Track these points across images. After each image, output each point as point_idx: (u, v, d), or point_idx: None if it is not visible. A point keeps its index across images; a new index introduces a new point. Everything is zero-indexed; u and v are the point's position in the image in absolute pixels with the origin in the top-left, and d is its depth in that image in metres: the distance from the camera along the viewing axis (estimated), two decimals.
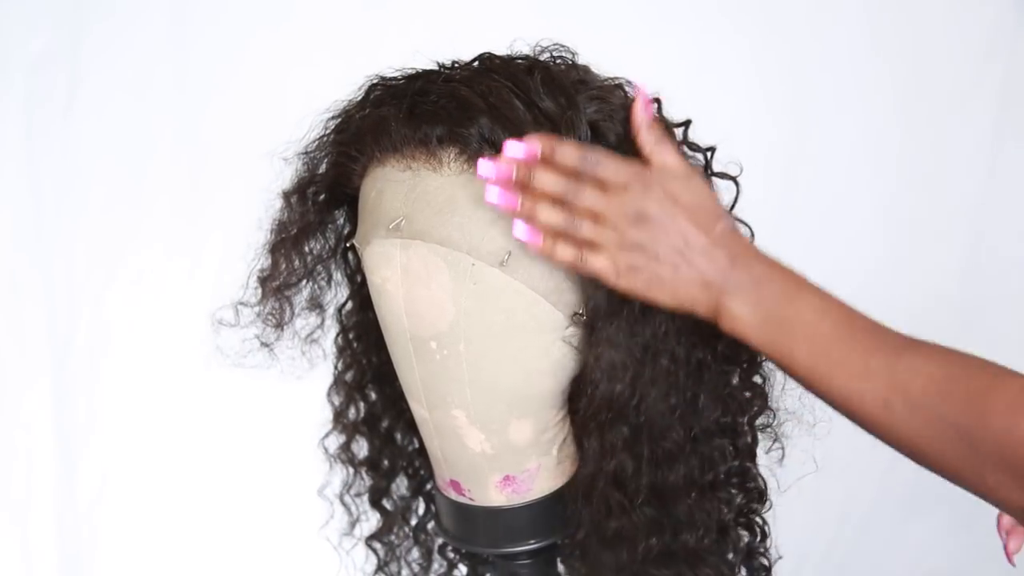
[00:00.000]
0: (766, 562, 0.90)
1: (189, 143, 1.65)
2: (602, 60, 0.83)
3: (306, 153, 0.85)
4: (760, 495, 0.87)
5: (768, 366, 0.86)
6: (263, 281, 0.89)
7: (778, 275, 0.69)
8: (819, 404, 0.90)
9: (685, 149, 0.82)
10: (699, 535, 0.82)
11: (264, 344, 0.91)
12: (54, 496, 1.67)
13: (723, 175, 0.84)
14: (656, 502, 0.80)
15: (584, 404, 0.79)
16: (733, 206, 0.85)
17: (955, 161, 1.69)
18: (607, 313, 0.75)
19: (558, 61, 0.81)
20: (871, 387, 0.65)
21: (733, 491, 0.85)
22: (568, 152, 0.70)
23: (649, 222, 0.69)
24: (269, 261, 0.88)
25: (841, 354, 0.66)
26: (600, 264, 0.70)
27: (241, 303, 0.91)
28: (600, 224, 0.70)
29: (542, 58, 0.81)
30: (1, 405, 1.66)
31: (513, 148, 0.70)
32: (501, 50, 0.81)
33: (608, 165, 0.70)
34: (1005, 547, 0.82)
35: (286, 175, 0.87)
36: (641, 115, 0.73)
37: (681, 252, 0.69)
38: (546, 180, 0.70)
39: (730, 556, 0.87)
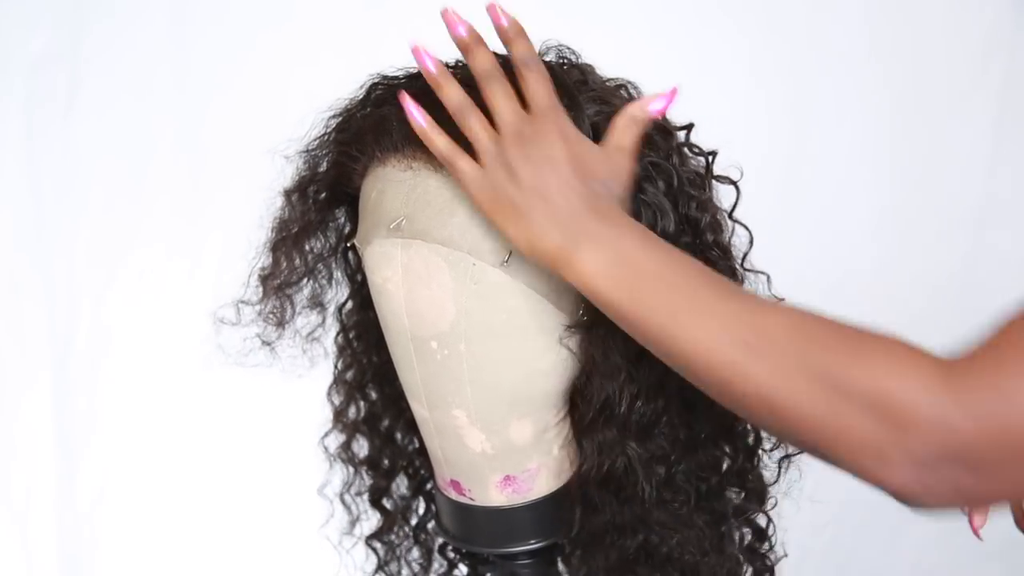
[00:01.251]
0: (768, 561, 0.90)
1: (190, 143, 1.65)
2: (604, 62, 0.83)
3: (307, 151, 0.85)
4: (760, 495, 0.87)
5: None
6: (264, 280, 0.89)
7: (638, 230, 0.67)
8: None
9: (687, 152, 0.83)
10: (696, 536, 0.83)
11: (265, 343, 0.91)
12: (54, 496, 1.67)
13: (723, 179, 0.84)
14: (649, 503, 0.81)
15: (581, 405, 0.80)
16: (733, 209, 0.85)
17: (955, 161, 1.69)
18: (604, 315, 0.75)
19: (561, 60, 0.81)
20: (730, 329, 0.61)
21: (733, 490, 0.85)
22: (520, 46, 0.69)
23: (534, 149, 0.67)
24: (270, 259, 0.88)
25: (698, 298, 0.63)
26: (463, 166, 0.69)
27: (242, 301, 0.91)
28: (487, 128, 0.68)
29: (544, 58, 0.81)
30: (1, 405, 1.66)
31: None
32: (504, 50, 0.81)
33: (543, 83, 0.69)
34: (970, 522, 0.81)
35: (287, 173, 0.87)
36: (646, 109, 0.71)
37: (548, 189, 0.66)
38: (479, 59, 0.69)
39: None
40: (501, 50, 0.80)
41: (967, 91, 1.68)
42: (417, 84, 0.77)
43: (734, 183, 0.84)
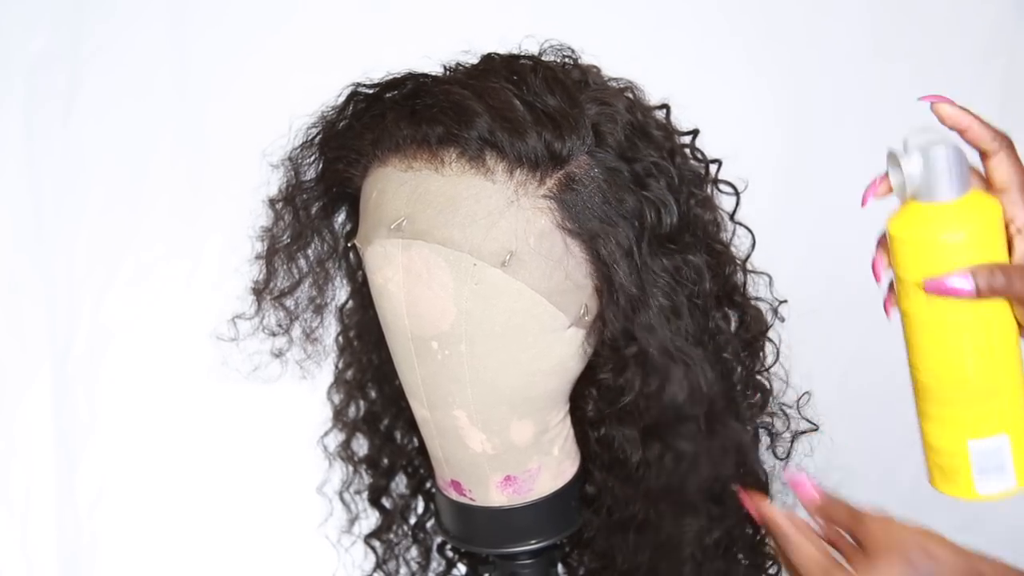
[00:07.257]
0: (770, 550, 0.90)
1: (190, 144, 1.65)
2: (608, 65, 0.83)
3: (291, 160, 0.85)
4: (762, 488, 0.87)
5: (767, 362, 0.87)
6: (258, 292, 0.89)
7: None
8: (819, 406, 0.91)
9: (689, 155, 0.83)
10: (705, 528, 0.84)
11: (276, 355, 0.91)
12: (54, 496, 1.67)
13: (724, 182, 0.85)
14: (659, 496, 0.82)
15: (591, 399, 0.81)
16: (733, 214, 0.86)
17: None
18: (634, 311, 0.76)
19: (564, 59, 0.81)
20: None
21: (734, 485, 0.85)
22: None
23: None
24: (263, 272, 0.88)
25: None
26: None
27: (238, 317, 0.91)
28: None
29: (545, 58, 0.81)
30: (1, 405, 1.66)
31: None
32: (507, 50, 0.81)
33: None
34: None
35: (274, 181, 0.87)
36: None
37: None
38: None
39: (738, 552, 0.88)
40: (502, 50, 0.81)
41: (968, 91, 1.67)
42: (418, 85, 0.77)
43: (732, 186, 0.85)
